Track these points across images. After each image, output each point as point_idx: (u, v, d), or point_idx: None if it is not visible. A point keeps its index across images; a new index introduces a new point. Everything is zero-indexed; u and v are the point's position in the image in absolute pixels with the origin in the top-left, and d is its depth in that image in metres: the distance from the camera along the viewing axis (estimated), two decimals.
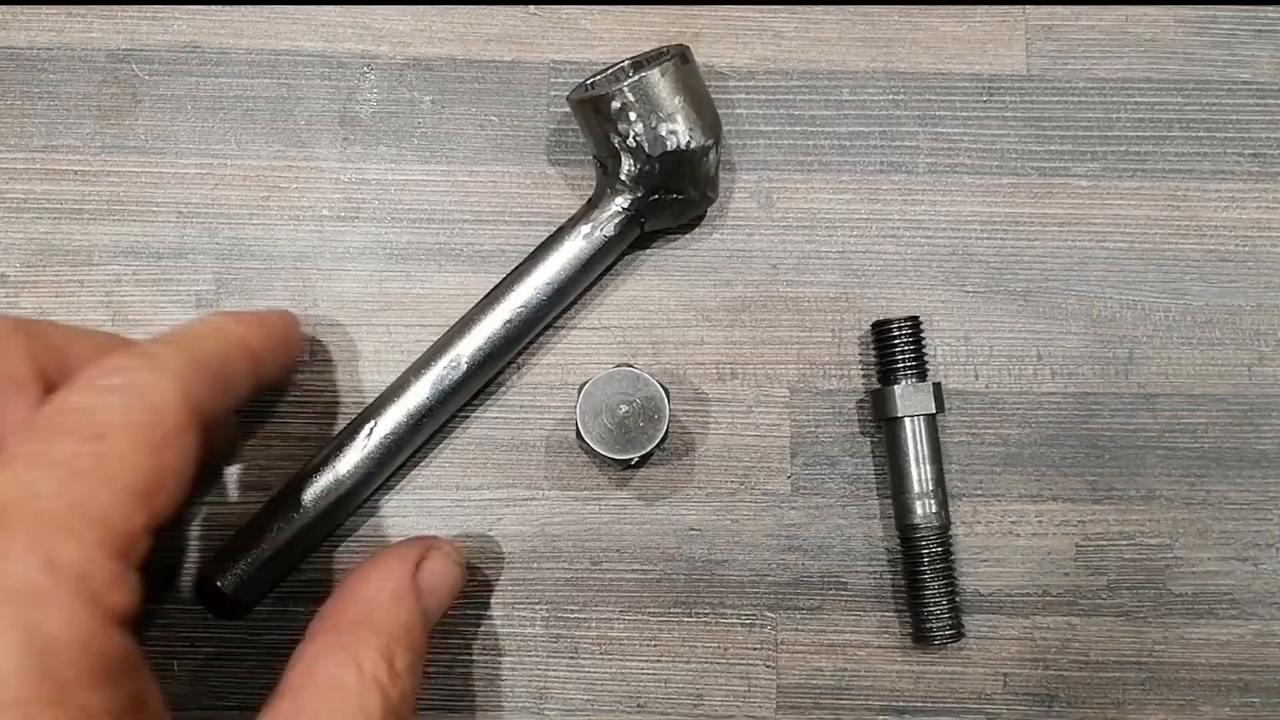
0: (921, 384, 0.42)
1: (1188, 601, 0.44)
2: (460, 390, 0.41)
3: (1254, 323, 0.45)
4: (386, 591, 0.35)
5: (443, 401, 0.41)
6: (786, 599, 0.43)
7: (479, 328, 0.41)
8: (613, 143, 0.40)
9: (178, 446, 0.29)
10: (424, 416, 0.41)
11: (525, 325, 0.41)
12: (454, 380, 0.41)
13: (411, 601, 0.35)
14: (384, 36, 0.45)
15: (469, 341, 0.41)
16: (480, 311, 0.41)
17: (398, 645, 0.33)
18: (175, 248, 0.44)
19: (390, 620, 0.34)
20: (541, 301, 0.41)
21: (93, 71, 0.45)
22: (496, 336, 0.41)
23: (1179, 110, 0.46)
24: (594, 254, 0.41)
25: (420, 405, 0.41)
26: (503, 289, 0.41)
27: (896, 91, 0.46)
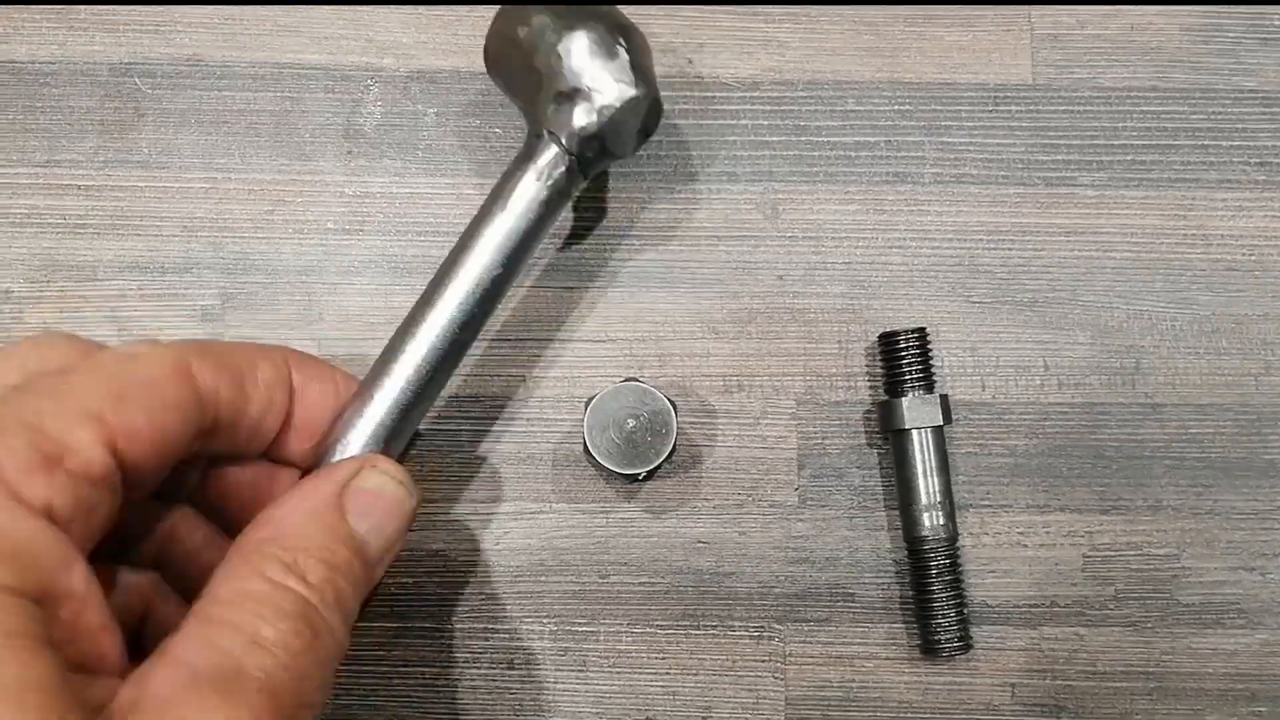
0: (929, 396, 0.42)
1: (1195, 611, 0.44)
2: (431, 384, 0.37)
3: (1261, 332, 0.45)
4: (299, 511, 0.32)
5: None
6: (794, 611, 0.43)
7: (436, 312, 0.37)
8: (537, 97, 0.38)
9: (153, 393, 0.30)
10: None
11: (481, 308, 0.37)
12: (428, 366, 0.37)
13: (330, 519, 0.32)
14: (388, 49, 0.45)
15: (430, 333, 0.37)
16: (432, 301, 0.37)
17: (309, 560, 0.31)
18: (180, 262, 0.44)
19: (301, 537, 0.31)
20: (491, 285, 0.37)
21: (95, 85, 0.45)
22: (461, 317, 0.37)
23: (1185, 119, 0.46)
24: (538, 215, 0.38)
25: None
26: (446, 275, 0.37)
27: (902, 102, 0.46)
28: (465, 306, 0.37)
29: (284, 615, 0.29)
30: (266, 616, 0.29)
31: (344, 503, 0.33)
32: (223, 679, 0.28)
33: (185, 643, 0.28)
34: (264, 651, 0.29)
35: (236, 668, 0.28)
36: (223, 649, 0.28)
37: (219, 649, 0.28)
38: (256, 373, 0.34)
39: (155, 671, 0.28)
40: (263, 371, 0.34)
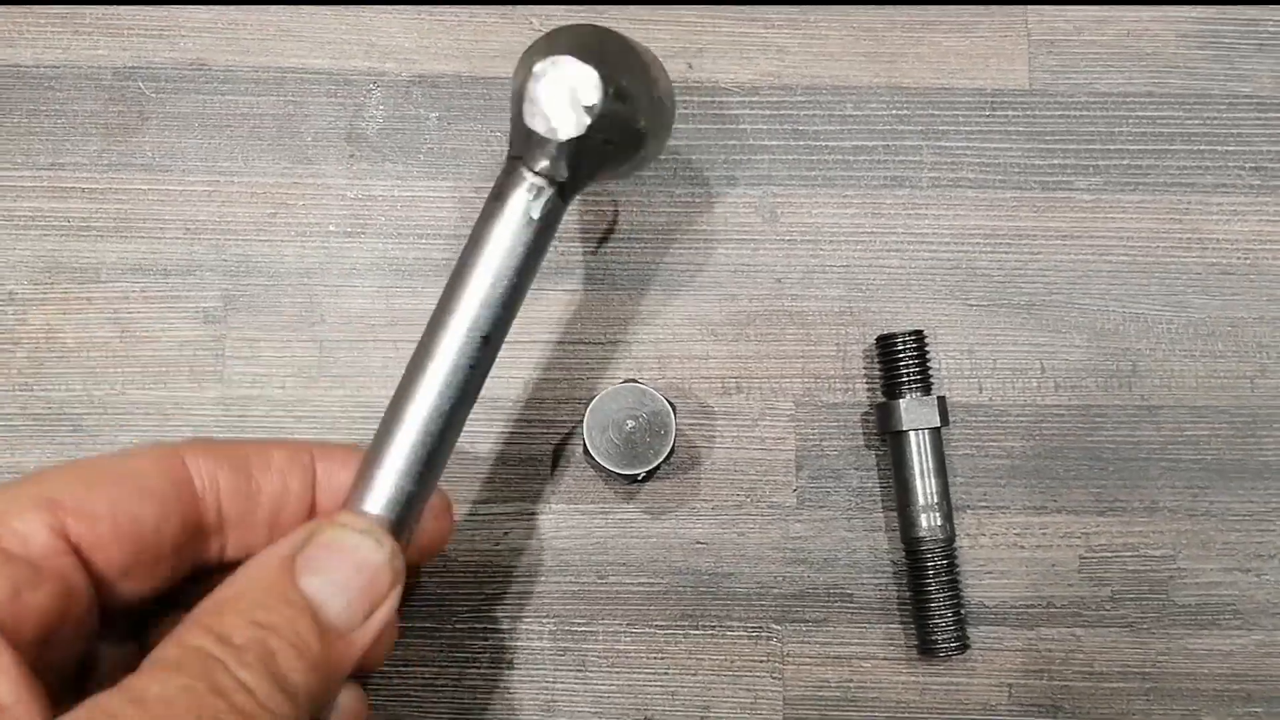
0: (926, 398, 0.42)
1: (1191, 612, 0.44)
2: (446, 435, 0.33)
3: (1256, 335, 0.45)
4: (242, 575, 0.28)
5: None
6: (792, 611, 0.43)
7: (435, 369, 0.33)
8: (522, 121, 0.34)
9: (120, 482, 0.29)
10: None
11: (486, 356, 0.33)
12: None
13: (273, 578, 0.28)
14: (390, 54, 0.46)
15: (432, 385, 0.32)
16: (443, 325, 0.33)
17: (236, 620, 0.27)
18: (183, 265, 0.44)
19: (233, 599, 0.28)
20: (493, 325, 0.33)
21: (99, 89, 0.45)
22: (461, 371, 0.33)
23: (1180, 124, 0.46)
24: (529, 246, 0.33)
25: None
26: (445, 319, 0.33)
27: (900, 106, 0.46)
28: (461, 361, 0.32)
29: (181, 673, 0.25)
30: (161, 677, 0.25)
31: (295, 561, 0.28)
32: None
33: (76, 709, 0.25)
34: (139, 708, 0.25)
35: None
36: (102, 707, 0.25)
37: (99, 707, 0.25)
38: (269, 458, 0.31)
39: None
40: (276, 457, 0.31)
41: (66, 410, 0.43)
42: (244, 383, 0.44)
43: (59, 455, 0.43)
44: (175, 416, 0.44)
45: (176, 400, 0.44)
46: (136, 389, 0.44)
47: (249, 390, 0.44)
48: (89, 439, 0.43)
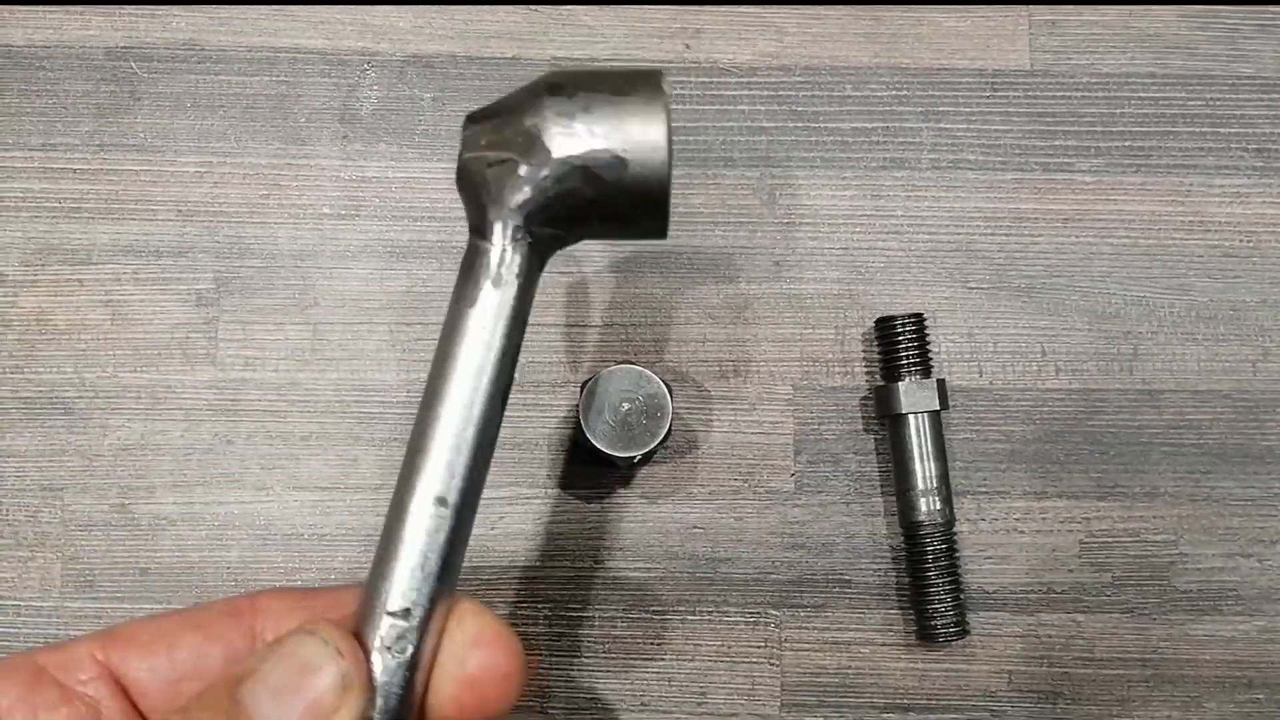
0: (925, 381, 0.42)
1: (1192, 598, 0.43)
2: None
3: (1259, 319, 0.45)
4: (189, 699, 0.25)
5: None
6: (790, 597, 0.43)
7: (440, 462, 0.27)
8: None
9: None
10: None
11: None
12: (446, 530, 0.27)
13: (213, 696, 0.25)
14: (384, 34, 0.45)
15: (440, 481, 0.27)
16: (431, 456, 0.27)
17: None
18: (175, 246, 0.44)
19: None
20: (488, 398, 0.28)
21: (91, 69, 0.45)
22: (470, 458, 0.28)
23: (1183, 105, 0.46)
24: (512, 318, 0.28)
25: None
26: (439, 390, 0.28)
27: (900, 87, 0.45)
28: (455, 467, 0.28)
29: None
30: None
31: (244, 668, 0.25)
32: None
33: None
34: None
35: None
36: None
37: None
38: (340, 603, 0.27)
39: None
40: (347, 601, 0.27)
41: (57, 393, 0.43)
42: (237, 365, 0.43)
43: (49, 438, 0.43)
44: (167, 400, 0.43)
45: (168, 383, 0.43)
46: (128, 372, 0.43)
47: (242, 373, 0.43)
48: (80, 422, 0.43)
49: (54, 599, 0.42)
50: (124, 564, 0.43)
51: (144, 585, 0.42)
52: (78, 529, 0.43)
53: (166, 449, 0.43)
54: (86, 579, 0.43)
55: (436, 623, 0.26)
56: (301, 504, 0.43)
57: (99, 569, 0.43)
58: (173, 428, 0.43)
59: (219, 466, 0.43)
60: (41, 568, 0.43)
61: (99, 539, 0.43)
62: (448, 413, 0.27)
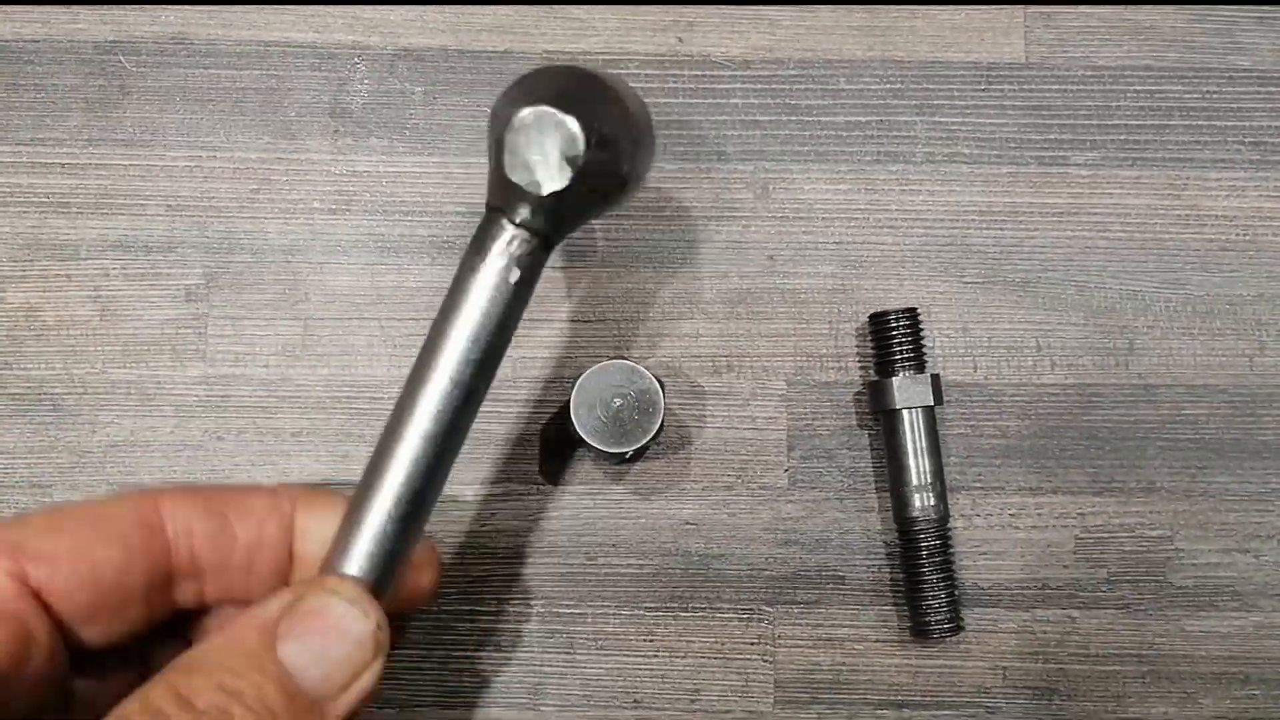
0: (919, 376, 0.41)
1: (1188, 594, 0.43)
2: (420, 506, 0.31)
3: (1255, 313, 0.44)
4: (219, 638, 0.28)
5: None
6: (784, 593, 0.43)
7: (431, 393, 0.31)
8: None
9: (86, 527, 0.28)
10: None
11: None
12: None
13: (250, 644, 0.27)
14: (375, 27, 0.45)
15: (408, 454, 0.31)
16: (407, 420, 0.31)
17: (205, 683, 0.26)
18: (164, 241, 0.44)
19: (204, 664, 0.27)
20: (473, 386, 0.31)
21: (80, 63, 0.44)
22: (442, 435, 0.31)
23: (1179, 98, 0.45)
24: (505, 306, 0.31)
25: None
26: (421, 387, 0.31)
27: (894, 80, 0.45)
28: (442, 418, 0.31)
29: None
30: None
31: (279, 627, 0.28)
32: None
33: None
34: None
35: None
36: None
37: None
38: (247, 506, 0.30)
39: None
40: (254, 504, 0.30)
41: (46, 389, 0.43)
42: (226, 361, 0.43)
43: (39, 436, 0.43)
44: (157, 396, 0.43)
45: (158, 379, 0.43)
46: (117, 368, 0.43)
47: (232, 369, 0.43)
48: (69, 418, 0.43)
49: None
50: None
51: None
52: None
53: (156, 445, 0.43)
54: None
55: (408, 556, 0.31)
56: None
57: None
58: (162, 424, 0.43)
59: (209, 463, 0.43)
60: None
61: None
62: (437, 376, 0.31)
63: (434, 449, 0.31)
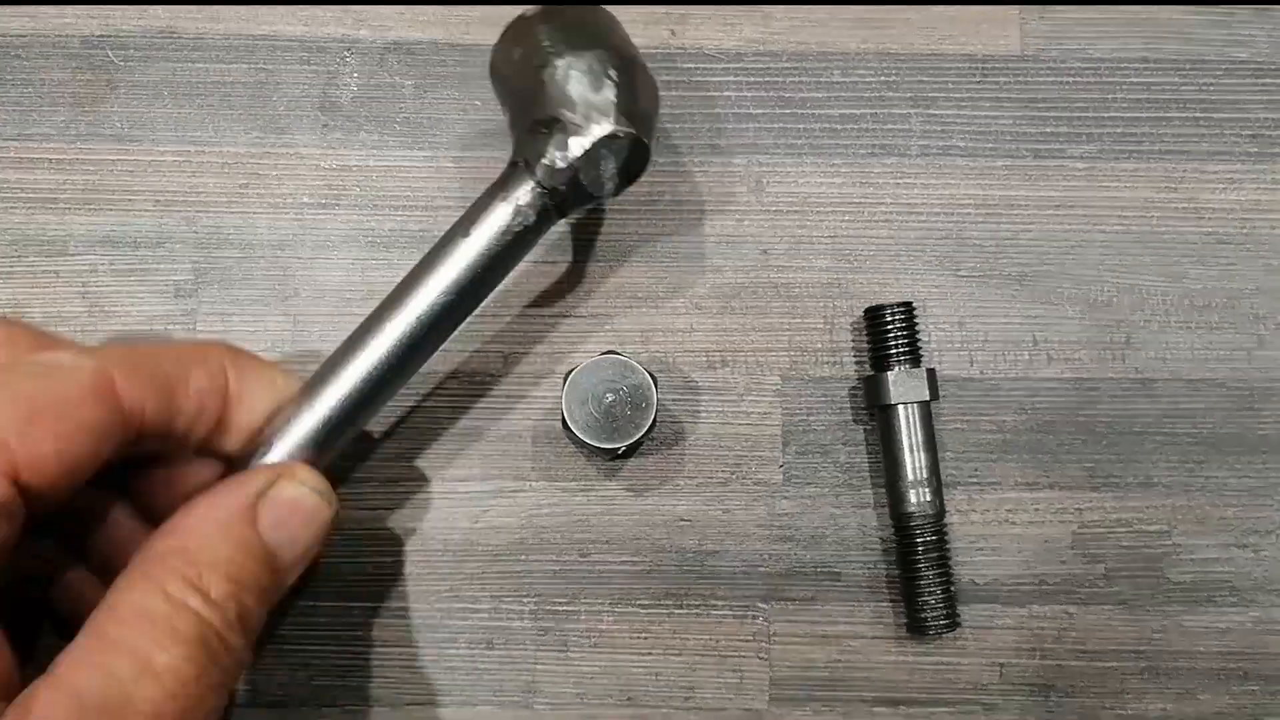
0: (915, 370, 0.41)
1: (1186, 589, 0.43)
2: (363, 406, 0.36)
3: (1253, 306, 0.44)
4: (210, 521, 0.32)
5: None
6: (779, 590, 0.42)
7: (379, 339, 0.36)
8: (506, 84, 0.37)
9: (66, 415, 0.29)
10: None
11: (433, 334, 0.36)
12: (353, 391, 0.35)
13: (241, 532, 0.32)
14: (364, 20, 0.44)
15: (371, 356, 0.35)
16: (377, 325, 0.36)
17: (213, 575, 0.30)
18: (153, 237, 0.43)
19: (207, 550, 0.31)
20: (452, 308, 0.36)
21: (67, 58, 0.44)
22: (402, 347, 0.36)
23: (1176, 90, 0.45)
24: (508, 247, 0.36)
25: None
26: (402, 295, 0.36)
27: (889, 73, 0.45)
28: (414, 331, 0.35)
29: (179, 639, 0.29)
30: (162, 641, 0.29)
31: (258, 514, 0.32)
32: (108, 711, 0.27)
33: (76, 665, 0.28)
34: (154, 680, 0.28)
35: (124, 698, 0.28)
36: (113, 675, 0.28)
37: (110, 675, 0.28)
38: (189, 382, 0.33)
39: (41, 696, 0.27)
40: (196, 380, 0.33)
41: None
42: None
43: None
44: None
45: None
46: None
47: None
48: None
49: None
50: None
51: None
52: None
53: None
54: None
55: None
56: None
57: None
58: None
59: None
60: None
61: None
62: (426, 291, 0.35)
63: (402, 352, 0.35)
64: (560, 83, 0.35)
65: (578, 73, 0.35)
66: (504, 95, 0.38)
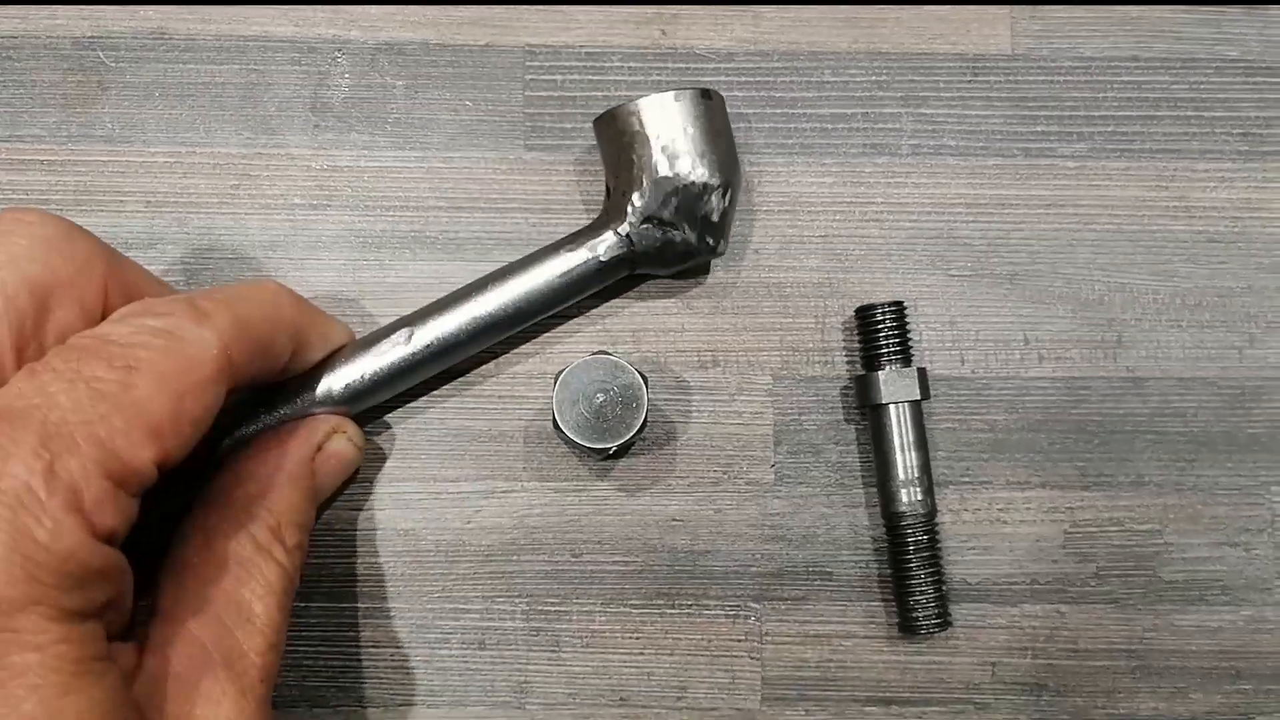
0: (906, 370, 0.41)
1: (1178, 588, 0.43)
2: (405, 373, 0.39)
3: (1244, 305, 0.44)
4: (283, 472, 0.36)
5: (386, 382, 0.39)
6: (771, 589, 0.42)
7: (442, 318, 0.39)
8: (619, 165, 0.39)
9: (202, 397, 0.30)
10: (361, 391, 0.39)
11: (485, 331, 0.40)
12: (402, 359, 0.39)
13: (306, 483, 0.36)
14: (355, 21, 0.44)
15: (429, 329, 0.39)
16: (446, 305, 0.40)
17: (289, 525, 0.35)
18: (144, 238, 0.43)
19: (283, 500, 0.35)
20: (509, 312, 0.39)
21: (58, 59, 0.44)
22: (460, 332, 0.39)
23: (1166, 89, 0.45)
24: (576, 277, 0.40)
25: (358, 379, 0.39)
26: (474, 289, 0.40)
27: (879, 72, 0.45)
28: (467, 329, 0.39)
29: (270, 590, 0.33)
30: (258, 590, 0.33)
31: (315, 465, 0.37)
32: (228, 661, 0.32)
33: (187, 610, 0.32)
34: (257, 632, 0.33)
35: (238, 650, 0.32)
36: (224, 625, 0.32)
37: (221, 624, 0.32)
38: (275, 344, 0.35)
39: (172, 645, 0.31)
40: (279, 345, 0.35)
41: None
42: None
43: None
44: None
45: None
46: None
47: None
48: None
49: None
50: None
51: None
52: None
53: None
54: None
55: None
56: None
57: None
58: None
59: None
60: None
61: None
62: (497, 294, 0.40)
63: (459, 338, 0.39)
64: (679, 194, 0.39)
65: (693, 191, 0.39)
66: (611, 151, 0.41)
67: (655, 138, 0.39)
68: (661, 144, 0.39)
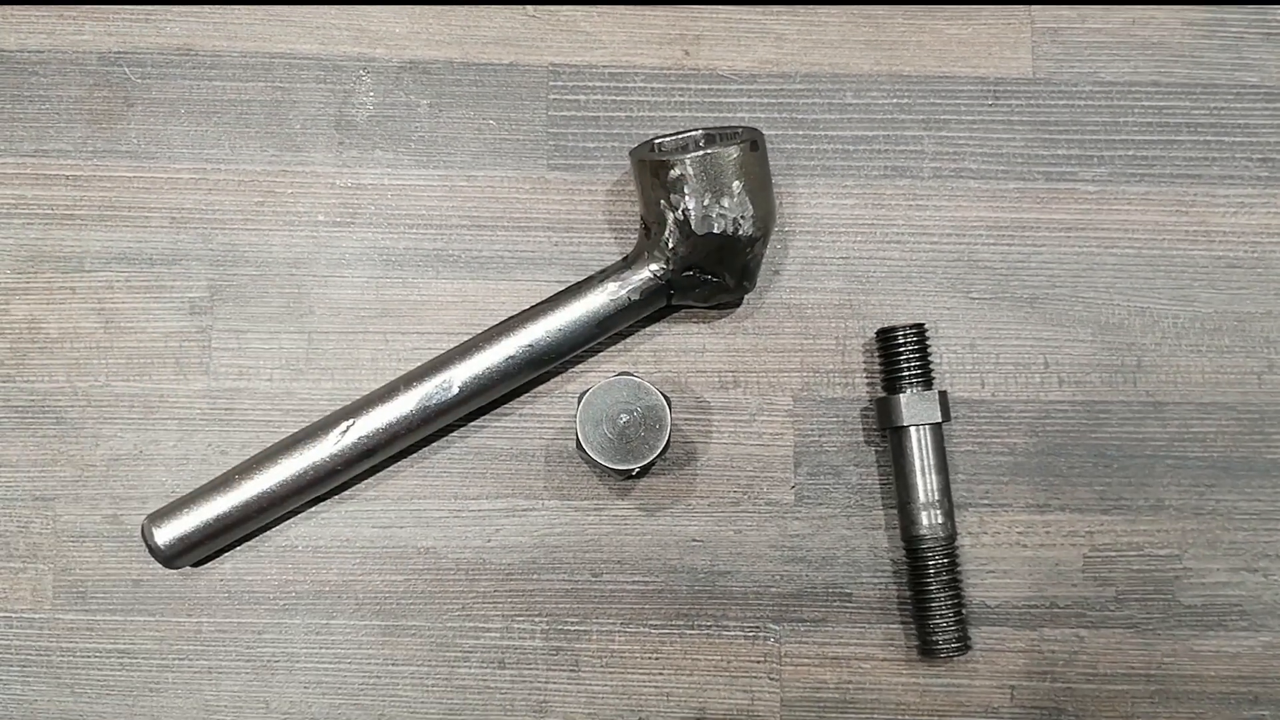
0: (927, 392, 0.41)
1: (1197, 613, 0.43)
2: (445, 413, 0.40)
3: (1264, 330, 0.44)
4: None
5: (426, 419, 0.40)
6: (790, 611, 0.42)
7: (480, 356, 0.40)
8: (661, 209, 0.39)
9: None
10: (403, 430, 0.40)
11: (526, 365, 0.40)
12: (441, 402, 0.40)
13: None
14: (380, 39, 0.45)
15: (466, 368, 0.40)
16: (485, 340, 0.40)
17: None
18: (168, 254, 0.43)
19: None
20: (548, 346, 0.40)
21: (84, 75, 0.44)
22: (494, 370, 0.40)
23: (1186, 114, 0.45)
24: (613, 313, 0.40)
25: (401, 418, 0.40)
26: (513, 324, 0.40)
27: (901, 95, 0.45)
28: (519, 356, 0.41)
29: None
30: None
31: None
32: None
33: None
34: None
35: None
36: None
37: None
38: None
39: None
40: None
41: (49, 402, 0.42)
42: (230, 375, 0.43)
43: (42, 449, 0.42)
44: (160, 409, 0.43)
45: (161, 393, 0.43)
46: (121, 381, 0.43)
47: (235, 383, 0.43)
48: (72, 431, 0.42)
49: (46, 610, 0.42)
50: (116, 575, 0.42)
51: (136, 597, 0.42)
52: (70, 540, 0.42)
53: (159, 459, 0.42)
54: (78, 591, 0.42)
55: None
56: (295, 515, 0.42)
57: (91, 580, 0.42)
58: (166, 438, 0.42)
59: (213, 477, 0.42)
60: (33, 579, 0.42)
61: (91, 550, 0.42)
62: (536, 327, 0.40)
63: (508, 367, 0.40)
64: (717, 241, 0.40)
65: (733, 244, 0.40)
66: (646, 189, 0.40)
67: (703, 193, 0.39)
68: (707, 200, 0.38)
